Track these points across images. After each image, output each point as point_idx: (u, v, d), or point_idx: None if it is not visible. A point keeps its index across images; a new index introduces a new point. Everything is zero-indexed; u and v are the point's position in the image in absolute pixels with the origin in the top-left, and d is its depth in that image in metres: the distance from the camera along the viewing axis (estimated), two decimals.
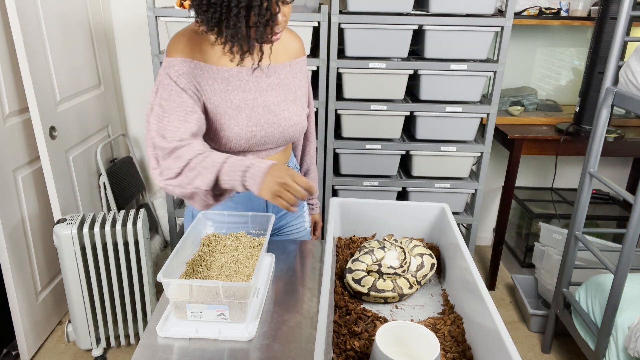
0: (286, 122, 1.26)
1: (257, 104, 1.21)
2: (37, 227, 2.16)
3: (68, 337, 2.13)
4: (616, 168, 3.08)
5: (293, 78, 1.29)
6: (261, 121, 1.22)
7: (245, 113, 1.20)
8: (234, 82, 1.19)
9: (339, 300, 1.06)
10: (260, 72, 1.22)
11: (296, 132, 1.30)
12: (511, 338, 0.76)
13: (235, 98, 1.19)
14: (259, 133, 1.22)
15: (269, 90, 1.23)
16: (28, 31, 1.91)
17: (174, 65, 1.12)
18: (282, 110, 1.25)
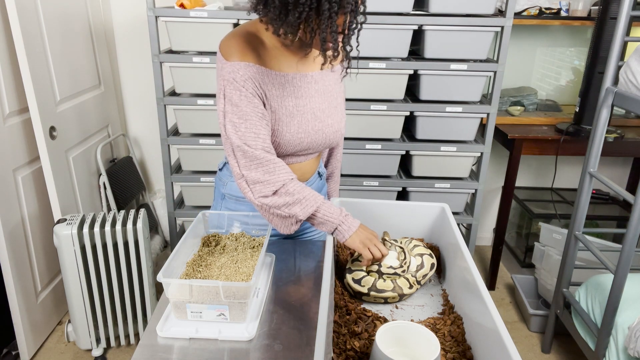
0: (329, 129, 1.26)
1: (307, 110, 1.20)
2: (37, 227, 2.16)
3: (68, 337, 2.13)
4: (616, 168, 3.08)
5: (335, 84, 1.28)
6: (309, 128, 1.21)
7: (297, 119, 1.18)
8: (289, 88, 1.17)
9: (339, 300, 1.06)
10: (310, 78, 1.20)
11: (336, 139, 1.30)
12: (511, 338, 0.76)
13: (289, 104, 1.17)
14: (306, 140, 1.22)
15: (316, 96, 1.22)
16: (28, 31, 1.91)
17: (238, 69, 1.08)
18: (327, 117, 1.25)
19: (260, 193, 1.11)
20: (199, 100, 2.24)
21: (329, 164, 1.53)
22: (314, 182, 1.40)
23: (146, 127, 2.91)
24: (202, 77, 2.21)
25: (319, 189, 1.43)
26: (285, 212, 1.12)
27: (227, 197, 1.34)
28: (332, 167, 1.53)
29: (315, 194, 1.14)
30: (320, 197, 1.15)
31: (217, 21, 2.11)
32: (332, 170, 1.53)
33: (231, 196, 1.33)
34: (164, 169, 2.38)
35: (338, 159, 1.52)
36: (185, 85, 2.25)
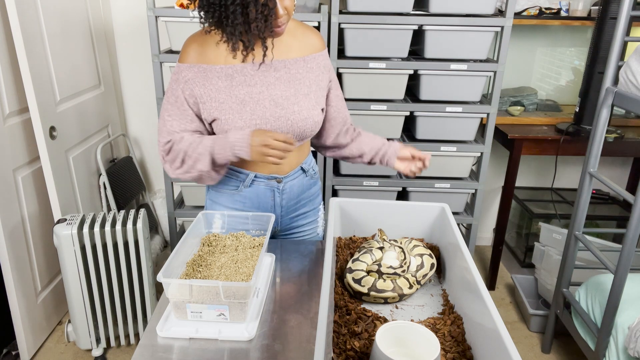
0: (295, 116, 1.26)
1: (264, 97, 1.23)
2: (37, 227, 2.16)
3: (68, 337, 2.13)
4: (616, 168, 3.08)
5: (307, 73, 1.28)
6: (267, 114, 1.23)
7: (249, 106, 1.23)
8: (238, 78, 1.22)
9: (339, 300, 1.06)
10: (269, 66, 1.24)
11: (307, 126, 1.29)
12: (511, 338, 0.76)
13: (240, 92, 1.22)
14: (265, 126, 1.24)
15: (277, 84, 1.25)
16: (28, 31, 1.91)
17: (181, 71, 1.23)
18: (291, 104, 1.25)
19: (174, 167, 1.28)
20: None
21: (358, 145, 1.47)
22: (297, 177, 1.39)
23: (146, 127, 2.91)
24: None
25: (304, 187, 1.43)
26: (195, 173, 1.26)
27: (210, 188, 1.42)
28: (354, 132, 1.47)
29: (210, 142, 1.22)
30: (211, 142, 1.22)
31: None
32: (358, 132, 1.48)
33: (213, 188, 1.41)
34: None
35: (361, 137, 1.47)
36: None
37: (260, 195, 1.36)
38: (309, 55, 1.29)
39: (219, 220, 1.29)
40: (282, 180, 1.36)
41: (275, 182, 1.36)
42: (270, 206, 1.39)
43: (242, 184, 1.35)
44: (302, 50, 1.28)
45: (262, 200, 1.37)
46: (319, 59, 1.31)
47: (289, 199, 1.40)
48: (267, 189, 1.36)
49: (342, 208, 1.30)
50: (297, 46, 1.28)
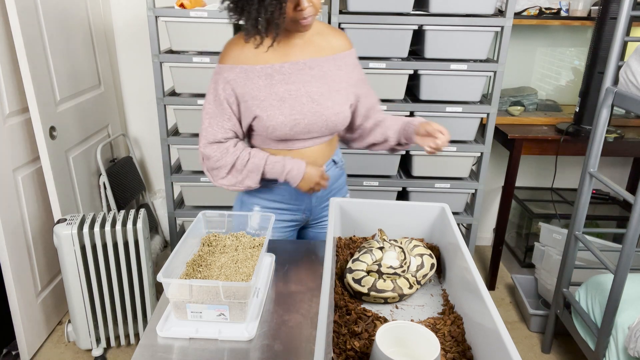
0: (329, 111, 1.33)
1: (301, 94, 1.31)
2: (37, 227, 2.16)
3: (68, 337, 2.13)
4: (616, 168, 3.08)
5: (337, 70, 1.35)
6: (305, 109, 1.31)
7: (288, 103, 1.30)
8: (277, 76, 1.29)
9: (339, 300, 1.06)
10: (304, 65, 1.31)
11: (339, 121, 1.36)
12: (511, 338, 0.76)
13: (280, 90, 1.29)
14: (303, 121, 1.31)
15: (312, 81, 1.32)
16: (28, 31, 1.91)
17: (222, 72, 1.29)
18: (326, 100, 1.33)
19: (218, 177, 1.36)
20: (199, 100, 2.24)
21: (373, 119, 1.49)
22: (329, 169, 1.46)
23: (146, 127, 2.91)
24: (202, 77, 2.21)
25: (335, 177, 1.49)
26: (241, 187, 1.37)
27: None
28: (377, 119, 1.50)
29: (263, 162, 1.34)
30: (264, 162, 1.34)
31: (217, 21, 2.11)
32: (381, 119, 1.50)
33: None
34: (164, 169, 2.38)
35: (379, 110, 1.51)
36: (185, 85, 2.25)
37: (294, 188, 1.42)
38: (338, 54, 1.36)
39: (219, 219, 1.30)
40: None
41: None
42: (307, 197, 1.45)
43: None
44: (331, 50, 1.36)
45: (299, 193, 1.43)
46: (347, 58, 1.38)
47: (322, 190, 1.45)
48: None
49: (342, 208, 1.30)
50: (327, 46, 1.35)
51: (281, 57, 1.29)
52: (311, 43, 1.33)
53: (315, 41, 1.34)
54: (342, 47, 1.38)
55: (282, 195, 1.44)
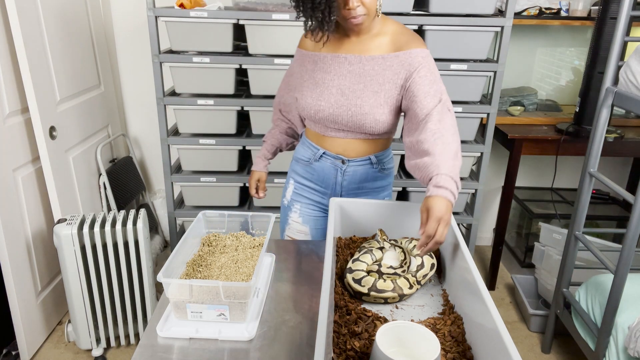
0: (356, 109, 1.34)
1: (333, 84, 1.36)
2: (37, 227, 2.16)
3: (68, 337, 2.13)
4: (616, 168, 3.08)
5: (383, 70, 1.32)
6: (331, 100, 1.36)
7: (319, 89, 1.37)
8: (320, 64, 1.39)
9: (339, 300, 1.06)
10: (344, 59, 1.35)
11: (367, 122, 1.35)
12: (511, 338, 0.76)
13: (317, 76, 1.39)
14: (327, 110, 1.37)
15: (348, 76, 1.35)
16: (28, 31, 1.91)
17: (296, 53, 1.49)
18: (356, 97, 1.34)
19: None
20: (199, 100, 2.24)
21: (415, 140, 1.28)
22: (362, 164, 1.46)
23: (146, 127, 2.91)
24: (202, 77, 2.21)
25: (369, 176, 1.48)
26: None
27: (293, 157, 1.60)
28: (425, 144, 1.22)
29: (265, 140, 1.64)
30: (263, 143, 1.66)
31: (217, 21, 2.12)
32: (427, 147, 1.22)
33: (295, 156, 1.59)
34: (164, 169, 2.38)
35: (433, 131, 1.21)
36: (185, 85, 2.25)
37: (326, 171, 1.48)
38: (392, 53, 1.32)
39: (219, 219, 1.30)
40: (347, 162, 1.45)
41: (340, 162, 1.45)
42: (333, 183, 1.49)
43: (313, 157, 1.49)
44: (385, 49, 1.33)
45: (327, 176, 1.49)
46: (402, 57, 1.30)
47: (350, 182, 1.48)
48: (332, 167, 1.47)
49: (342, 208, 1.30)
50: (380, 45, 1.34)
51: (332, 48, 1.37)
52: (364, 41, 1.34)
53: (371, 40, 1.34)
54: (401, 45, 1.31)
55: (311, 174, 1.52)
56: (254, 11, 2.12)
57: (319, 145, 1.47)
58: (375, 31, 1.34)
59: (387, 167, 1.52)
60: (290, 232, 1.59)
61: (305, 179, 1.54)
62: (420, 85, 1.28)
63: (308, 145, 1.50)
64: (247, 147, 2.34)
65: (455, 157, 1.17)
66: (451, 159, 1.15)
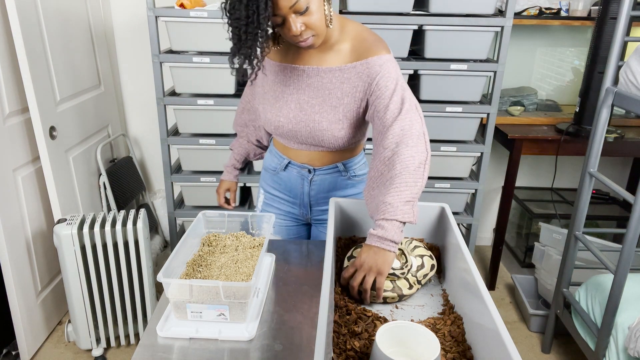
0: (314, 125, 1.28)
1: (292, 99, 1.29)
2: (37, 227, 2.16)
3: (68, 337, 2.13)
4: (616, 168, 3.08)
5: (341, 84, 1.24)
6: (290, 115, 1.30)
7: (279, 104, 1.31)
8: (280, 75, 1.31)
9: (339, 300, 1.06)
10: (303, 71, 1.27)
11: (326, 138, 1.29)
12: (511, 338, 0.76)
13: (277, 89, 1.32)
14: (287, 126, 1.31)
15: (307, 90, 1.28)
16: (28, 31, 1.91)
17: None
18: (314, 112, 1.27)
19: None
20: (199, 100, 2.24)
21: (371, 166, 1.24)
22: (330, 173, 1.40)
23: (146, 127, 2.91)
24: (202, 77, 2.21)
25: (338, 184, 1.42)
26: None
27: (263, 167, 1.56)
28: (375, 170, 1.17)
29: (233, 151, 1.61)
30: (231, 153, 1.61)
31: (217, 21, 2.11)
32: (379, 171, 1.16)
33: (264, 166, 1.55)
34: (164, 169, 2.38)
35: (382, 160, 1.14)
36: (185, 85, 2.25)
37: (293, 181, 1.45)
38: (349, 64, 1.23)
39: (219, 219, 1.30)
40: (313, 171, 1.41)
41: (307, 171, 1.41)
42: (300, 193, 1.46)
43: (279, 166, 1.45)
44: (342, 59, 1.24)
45: (294, 186, 1.45)
46: (360, 67, 1.21)
47: (318, 191, 1.44)
48: (298, 176, 1.43)
49: (342, 208, 1.30)
50: (340, 55, 1.24)
51: (292, 58, 1.28)
52: (323, 51, 1.25)
53: (329, 49, 1.25)
54: (360, 54, 1.22)
55: (279, 184, 1.49)
56: None
57: (284, 154, 1.42)
58: (333, 40, 1.24)
59: (359, 173, 1.44)
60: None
61: (274, 189, 1.51)
62: (380, 99, 1.18)
63: (275, 154, 1.46)
64: None
65: (404, 184, 1.06)
66: (398, 188, 1.05)
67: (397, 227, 1.04)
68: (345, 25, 1.26)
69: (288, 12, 1.08)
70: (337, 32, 1.24)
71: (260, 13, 1.03)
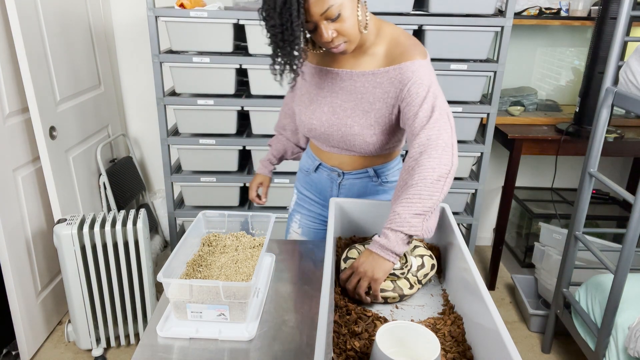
0: (346, 129, 1.27)
1: (325, 102, 1.29)
2: (37, 227, 2.16)
3: (68, 337, 2.13)
4: (616, 168, 3.08)
5: (373, 88, 1.22)
6: (323, 119, 1.30)
7: (313, 107, 1.32)
8: (316, 78, 1.32)
9: (339, 300, 1.06)
10: (336, 75, 1.27)
11: (357, 143, 1.28)
12: (511, 338, 0.76)
13: (313, 92, 1.32)
14: (319, 129, 1.32)
15: (340, 93, 1.27)
16: (28, 31, 1.91)
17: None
18: (346, 116, 1.26)
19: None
20: (199, 100, 2.24)
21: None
22: (360, 177, 1.39)
23: (146, 127, 2.91)
24: (202, 77, 2.21)
25: (368, 190, 1.41)
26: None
27: (299, 165, 1.56)
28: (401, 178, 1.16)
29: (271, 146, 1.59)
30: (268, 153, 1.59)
31: (217, 21, 2.12)
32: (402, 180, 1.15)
33: (300, 165, 1.55)
34: (164, 169, 2.38)
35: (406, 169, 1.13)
36: (185, 85, 2.25)
37: (323, 183, 1.45)
38: (383, 68, 1.21)
39: (219, 219, 1.30)
40: (342, 175, 1.40)
41: (336, 175, 1.41)
42: (330, 196, 1.45)
43: (311, 167, 1.46)
44: (376, 63, 1.22)
45: (324, 188, 1.46)
46: (393, 72, 1.19)
47: (347, 195, 1.43)
48: (328, 179, 1.43)
49: (342, 208, 1.30)
50: (376, 58, 1.23)
51: (328, 61, 1.29)
52: (358, 54, 1.24)
53: (364, 53, 1.23)
54: (394, 59, 1.20)
55: (310, 185, 1.50)
56: (254, 11, 2.12)
57: (317, 156, 1.43)
58: (368, 43, 1.23)
59: (392, 180, 1.41)
60: None
61: (306, 190, 1.52)
62: (410, 106, 1.15)
63: (309, 155, 1.47)
64: (247, 147, 2.34)
65: (417, 196, 1.04)
66: (409, 200, 1.04)
67: (401, 238, 1.04)
68: (381, 28, 1.24)
69: (319, 19, 1.09)
70: (372, 35, 1.23)
71: (294, 21, 1.03)
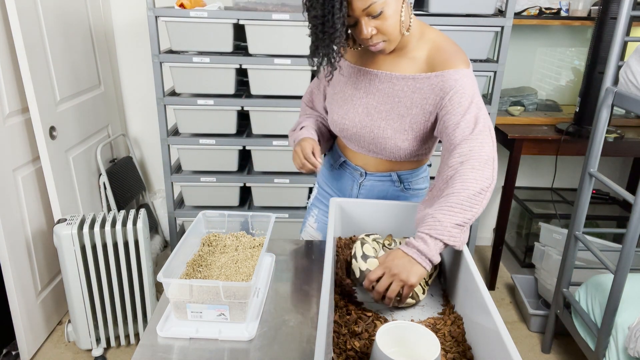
0: (379, 132, 1.24)
1: (360, 102, 1.27)
2: (37, 227, 2.16)
3: (68, 337, 2.13)
4: (616, 168, 3.08)
5: (412, 93, 1.20)
6: (356, 119, 1.27)
7: (347, 106, 1.29)
8: (353, 78, 1.29)
9: (339, 300, 1.06)
10: (375, 76, 1.25)
11: (388, 147, 1.26)
12: (511, 338, 0.76)
13: (348, 91, 1.29)
14: (351, 129, 1.29)
15: (376, 95, 1.25)
16: (28, 31, 1.91)
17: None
18: (381, 119, 1.24)
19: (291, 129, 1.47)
20: (199, 100, 2.24)
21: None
22: (382, 180, 1.37)
23: (146, 127, 2.91)
24: (202, 77, 2.21)
25: (388, 194, 1.39)
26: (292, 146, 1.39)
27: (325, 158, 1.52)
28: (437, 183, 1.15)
29: (302, 123, 1.40)
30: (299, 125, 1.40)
31: (217, 21, 2.11)
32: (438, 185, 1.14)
33: (325, 158, 1.52)
34: (164, 169, 2.38)
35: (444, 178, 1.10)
36: (185, 85, 2.25)
37: (344, 180, 1.43)
38: (423, 74, 1.18)
39: (219, 219, 1.30)
40: (364, 175, 1.38)
41: (359, 174, 1.38)
42: (349, 195, 1.43)
43: (335, 163, 1.44)
44: (419, 68, 1.20)
45: (345, 186, 1.44)
46: (435, 79, 1.16)
47: (367, 196, 1.40)
48: (350, 177, 1.41)
49: (342, 208, 1.30)
50: (418, 63, 1.20)
51: (366, 61, 1.26)
52: (398, 57, 1.22)
53: (404, 56, 1.21)
54: (435, 65, 1.17)
55: (331, 181, 1.48)
56: (254, 11, 2.12)
57: (342, 152, 1.41)
58: (410, 46, 1.20)
59: (415, 187, 1.39)
60: (305, 235, 1.57)
61: (327, 185, 1.50)
62: (451, 115, 1.12)
63: (335, 150, 1.44)
64: (247, 147, 2.34)
65: (459, 206, 1.01)
66: (452, 208, 1.01)
67: (439, 247, 1.00)
68: (425, 32, 1.21)
69: (361, 15, 1.08)
70: (415, 39, 1.20)
71: (335, 13, 1.03)
